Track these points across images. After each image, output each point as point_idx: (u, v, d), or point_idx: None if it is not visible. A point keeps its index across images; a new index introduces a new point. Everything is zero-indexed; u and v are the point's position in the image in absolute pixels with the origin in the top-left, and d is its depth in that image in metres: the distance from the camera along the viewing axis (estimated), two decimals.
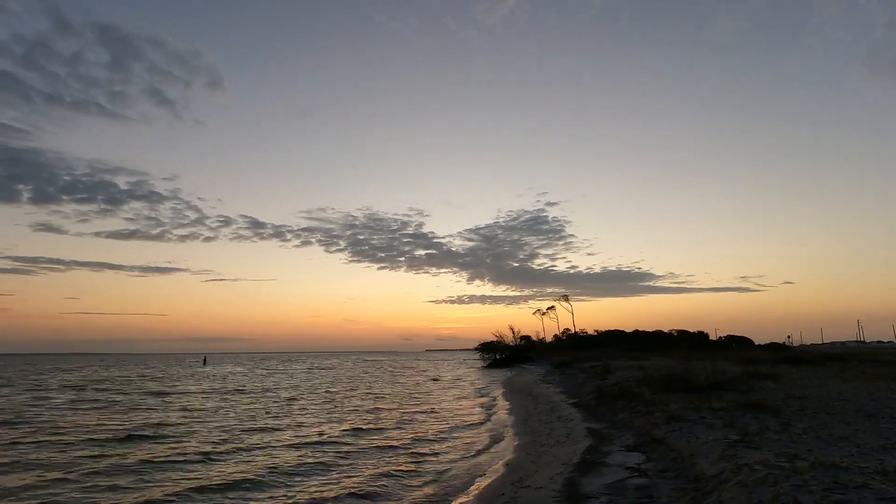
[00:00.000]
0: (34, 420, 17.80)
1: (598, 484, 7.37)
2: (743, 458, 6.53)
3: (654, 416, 11.04)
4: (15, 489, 9.25)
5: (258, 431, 15.44)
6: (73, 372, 57.15)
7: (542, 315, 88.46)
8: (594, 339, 75.15)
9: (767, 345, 63.06)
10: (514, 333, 71.76)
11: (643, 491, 6.78)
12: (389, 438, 14.47)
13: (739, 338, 72.60)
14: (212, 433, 15.01)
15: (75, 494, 8.99)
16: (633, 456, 8.88)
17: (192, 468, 10.84)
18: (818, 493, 4.80)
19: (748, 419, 9.42)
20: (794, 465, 5.86)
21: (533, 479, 8.45)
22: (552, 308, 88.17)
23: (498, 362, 65.70)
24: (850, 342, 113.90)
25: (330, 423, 17.16)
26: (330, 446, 13.19)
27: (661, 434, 9.49)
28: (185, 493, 8.99)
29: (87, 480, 9.83)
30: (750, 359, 27.32)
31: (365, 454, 12.34)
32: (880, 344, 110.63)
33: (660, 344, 62.50)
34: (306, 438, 14.26)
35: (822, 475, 5.37)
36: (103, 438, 14.07)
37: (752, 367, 20.20)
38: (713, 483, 6.16)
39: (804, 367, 23.85)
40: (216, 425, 16.53)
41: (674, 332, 76.80)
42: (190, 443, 13.55)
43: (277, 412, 20.34)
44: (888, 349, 67.30)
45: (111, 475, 10.20)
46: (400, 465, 11.31)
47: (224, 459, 11.66)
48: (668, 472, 7.55)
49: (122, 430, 15.39)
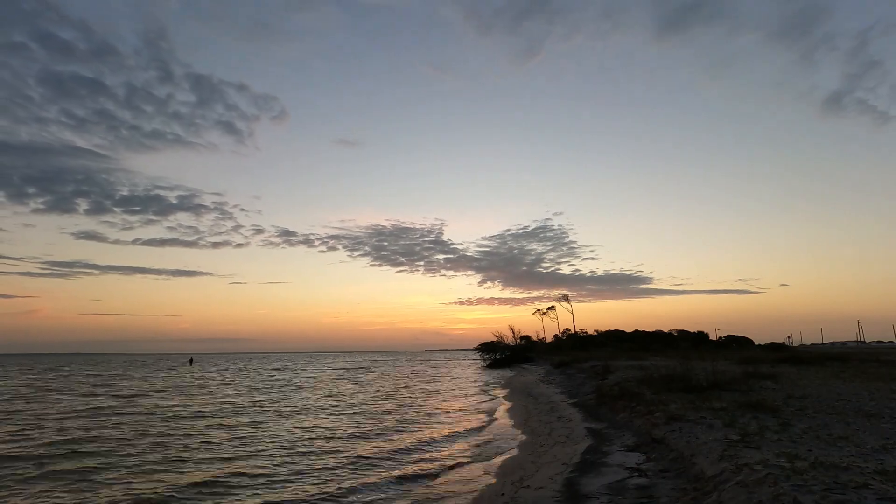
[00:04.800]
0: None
1: (598, 484, 7.37)
2: (743, 458, 6.52)
3: (654, 417, 11.03)
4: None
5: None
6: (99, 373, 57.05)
7: (543, 315, 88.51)
8: (594, 339, 75.16)
9: (767, 345, 62.96)
10: (514, 333, 71.86)
11: (643, 491, 6.78)
12: (391, 441, 14.47)
13: (739, 338, 72.58)
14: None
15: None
16: (633, 456, 8.87)
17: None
18: (818, 493, 4.80)
19: (748, 419, 9.42)
20: (794, 465, 5.86)
21: (533, 479, 8.45)
22: (552, 308, 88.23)
23: (498, 362, 65.69)
24: (850, 342, 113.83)
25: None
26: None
27: (661, 434, 9.48)
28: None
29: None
30: (750, 359, 27.34)
31: (356, 454, 12.35)
32: (880, 344, 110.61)
33: (660, 344, 62.56)
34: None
35: (822, 475, 5.36)
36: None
37: (752, 367, 20.22)
38: (713, 483, 6.15)
39: (804, 367, 23.82)
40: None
41: (674, 332, 76.81)
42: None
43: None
44: (888, 349, 67.27)
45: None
46: (404, 468, 11.31)
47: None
48: (668, 472, 7.54)
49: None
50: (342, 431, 15.57)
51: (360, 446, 13.32)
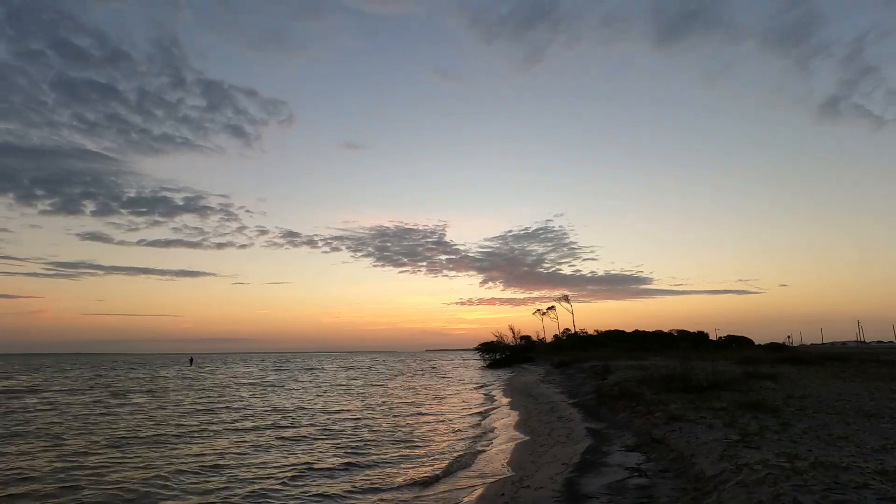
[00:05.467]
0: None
1: (598, 484, 7.36)
2: (743, 458, 6.52)
3: (654, 416, 11.03)
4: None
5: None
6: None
7: (542, 315, 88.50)
8: (594, 339, 75.16)
9: (767, 345, 62.98)
10: (514, 333, 71.85)
11: (643, 491, 6.77)
12: (391, 440, 14.48)
13: (739, 338, 72.57)
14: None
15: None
16: (633, 456, 8.86)
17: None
18: (818, 493, 4.79)
19: (748, 419, 9.41)
20: (794, 465, 5.86)
21: (533, 479, 8.45)
22: (552, 308, 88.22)
23: (498, 362, 65.67)
24: (850, 342, 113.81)
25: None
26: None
27: (661, 434, 9.48)
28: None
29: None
30: (750, 359, 27.34)
31: (368, 453, 12.36)
32: (880, 344, 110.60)
33: (660, 344, 62.57)
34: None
35: (822, 475, 5.36)
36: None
37: (752, 367, 20.23)
38: (713, 483, 6.15)
39: (804, 367, 23.81)
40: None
41: (674, 332, 76.82)
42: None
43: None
44: (888, 349, 67.27)
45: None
46: (403, 469, 11.30)
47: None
48: (668, 472, 7.54)
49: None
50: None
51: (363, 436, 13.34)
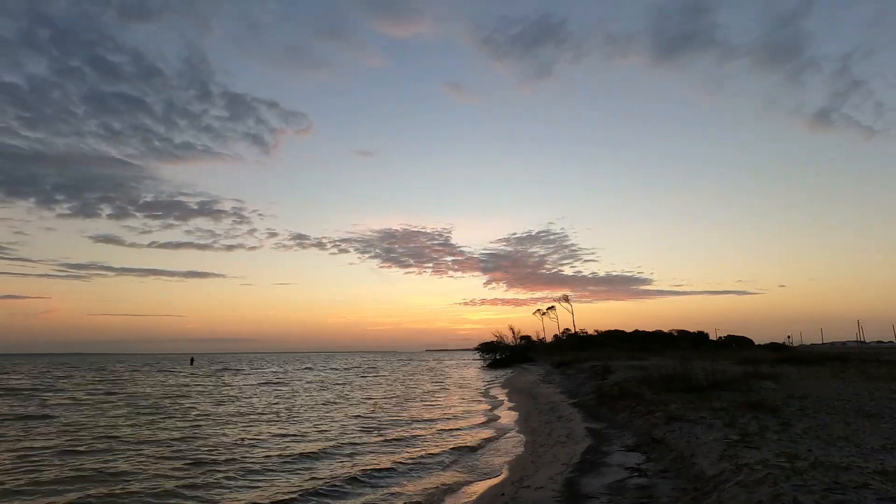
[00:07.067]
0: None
1: (598, 484, 7.37)
2: (743, 458, 6.52)
3: (654, 417, 11.03)
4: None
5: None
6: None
7: (542, 315, 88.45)
8: (594, 339, 75.08)
9: (767, 345, 62.93)
10: (514, 333, 71.86)
11: (643, 491, 6.78)
12: (389, 441, 14.48)
13: (739, 338, 72.49)
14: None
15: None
16: (633, 456, 8.87)
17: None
18: (818, 493, 4.79)
19: (748, 419, 9.41)
20: (794, 465, 5.86)
21: (533, 479, 8.45)
22: (552, 308, 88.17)
23: (498, 362, 65.69)
24: (850, 342, 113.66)
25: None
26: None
27: (661, 434, 9.48)
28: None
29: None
30: (750, 359, 27.30)
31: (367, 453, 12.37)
32: (880, 344, 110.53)
33: (660, 344, 62.49)
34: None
35: (822, 475, 5.36)
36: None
37: (752, 368, 20.19)
38: (713, 483, 6.15)
39: (804, 367, 23.79)
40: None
41: (674, 332, 76.73)
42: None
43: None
44: (888, 349, 67.22)
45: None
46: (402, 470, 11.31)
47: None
48: (668, 472, 7.54)
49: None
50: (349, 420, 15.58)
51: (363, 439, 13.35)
